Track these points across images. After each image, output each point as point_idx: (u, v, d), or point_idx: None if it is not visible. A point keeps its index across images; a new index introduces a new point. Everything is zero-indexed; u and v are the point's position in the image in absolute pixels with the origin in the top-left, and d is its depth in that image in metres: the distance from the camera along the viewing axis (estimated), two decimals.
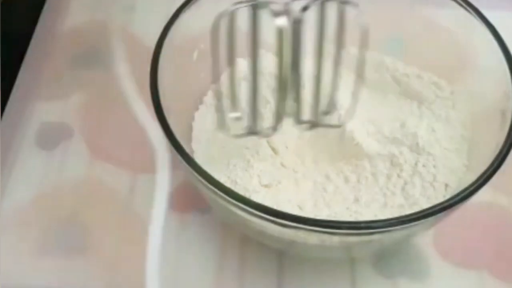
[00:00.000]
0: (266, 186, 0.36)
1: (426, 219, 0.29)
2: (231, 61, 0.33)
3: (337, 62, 0.33)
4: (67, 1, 0.49)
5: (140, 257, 0.37)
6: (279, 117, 0.35)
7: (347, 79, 0.35)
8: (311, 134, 0.37)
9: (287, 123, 0.36)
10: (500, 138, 0.32)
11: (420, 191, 0.35)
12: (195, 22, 0.37)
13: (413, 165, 0.36)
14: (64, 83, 0.45)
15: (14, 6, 0.48)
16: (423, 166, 0.36)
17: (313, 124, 0.35)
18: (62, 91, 0.44)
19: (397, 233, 0.31)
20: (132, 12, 0.48)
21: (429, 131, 0.37)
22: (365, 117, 0.38)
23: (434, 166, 0.36)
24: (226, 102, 0.34)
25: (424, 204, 0.34)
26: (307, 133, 0.38)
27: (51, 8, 0.49)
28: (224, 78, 0.35)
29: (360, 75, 0.34)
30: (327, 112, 0.35)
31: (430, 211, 0.29)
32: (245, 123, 0.34)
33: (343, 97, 0.35)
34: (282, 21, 0.31)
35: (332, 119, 0.36)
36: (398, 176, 0.36)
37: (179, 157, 0.31)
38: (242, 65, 0.37)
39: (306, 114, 0.35)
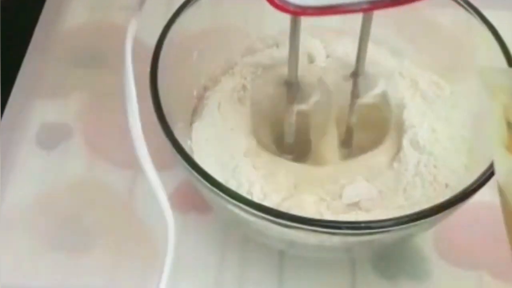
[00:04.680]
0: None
1: (426, 219, 0.29)
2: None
3: None
4: (67, 1, 0.49)
5: (139, 257, 0.37)
6: None
7: None
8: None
9: None
10: None
11: (420, 191, 0.35)
12: (195, 22, 0.37)
13: (415, 165, 0.36)
14: (64, 83, 0.45)
15: (14, 6, 0.48)
16: (424, 166, 0.36)
17: None
18: (62, 91, 0.44)
19: (397, 233, 0.31)
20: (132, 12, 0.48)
21: (430, 131, 0.37)
22: None
23: (435, 166, 0.36)
24: None
25: (424, 204, 0.34)
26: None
27: (51, 8, 0.49)
28: None
29: None
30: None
31: (430, 211, 0.29)
32: None
33: None
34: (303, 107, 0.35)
35: None
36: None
37: (179, 157, 0.31)
38: None
39: None
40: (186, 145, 0.35)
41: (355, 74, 0.35)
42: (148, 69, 0.34)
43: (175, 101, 0.36)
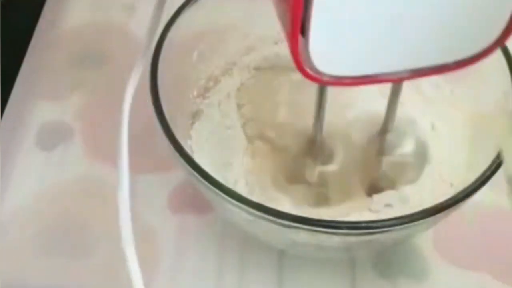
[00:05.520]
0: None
1: (425, 219, 0.29)
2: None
3: None
4: (67, 1, 0.49)
5: (139, 258, 0.37)
6: None
7: None
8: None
9: None
10: (499, 138, 0.32)
11: None
12: (195, 22, 0.37)
13: None
14: (64, 83, 0.45)
15: (14, 6, 0.48)
16: None
17: None
18: (62, 91, 0.44)
19: (397, 233, 0.31)
20: (132, 12, 0.48)
21: (429, 130, 0.37)
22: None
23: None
24: None
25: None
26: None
27: (51, 8, 0.49)
28: None
29: None
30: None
31: (430, 211, 0.29)
32: None
33: None
34: None
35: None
36: None
37: (179, 157, 0.31)
38: None
39: None
40: (186, 145, 0.35)
41: (383, 131, 0.34)
42: (148, 69, 0.34)
43: (175, 101, 0.36)
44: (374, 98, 0.35)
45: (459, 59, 0.25)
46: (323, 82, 0.25)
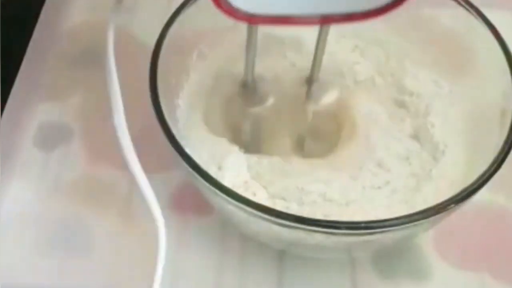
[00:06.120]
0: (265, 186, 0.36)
1: (425, 220, 0.29)
2: None
3: None
4: (66, 1, 0.49)
5: (139, 258, 0.37)
6: None
7: None
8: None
9: None
10: (499, 138, 0.32)
11: None
12: (195, 22, 0.37)
13: None
14: (64, 83, 0.45)
15: (14, 6, 0.48)
16: None
17: None
18: (61, 91, 0.44)
19: (397, 233, 0.31)
20: (132, 12, 0.48)
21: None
22: None
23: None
24: None
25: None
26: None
27: (51, 8, 0.49)
28: None
29: None
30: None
31: (430, 211, 0.29)
32: None
33: None
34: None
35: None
36: None
37: (179, 158, 0.31)
38: None
39: None
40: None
41: (310, 80, 0.35)
42: (147, 69, 0.34)
43: (175, 102, 0.36)
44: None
45: (367, 9, 0.27)
46: (237, 18, 0.26)
